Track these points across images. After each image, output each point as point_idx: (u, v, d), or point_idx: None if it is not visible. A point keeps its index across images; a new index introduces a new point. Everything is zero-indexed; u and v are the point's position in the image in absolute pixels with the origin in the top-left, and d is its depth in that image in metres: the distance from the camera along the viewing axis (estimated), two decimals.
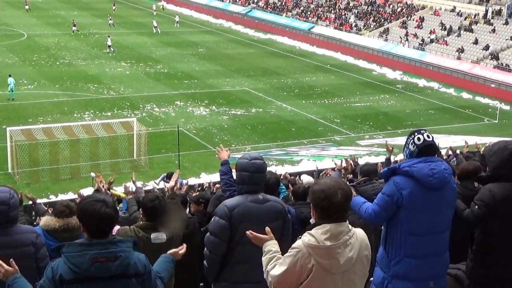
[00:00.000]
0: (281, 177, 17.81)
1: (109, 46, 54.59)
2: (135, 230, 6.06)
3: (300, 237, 4.23)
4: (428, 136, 5.28)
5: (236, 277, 5.68)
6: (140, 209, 6.49)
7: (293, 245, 4.20)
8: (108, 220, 4.16)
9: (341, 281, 4.19)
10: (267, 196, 5.77)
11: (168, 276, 4.71)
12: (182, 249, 5.00)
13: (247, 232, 4.70)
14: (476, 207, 5.55)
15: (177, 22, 72.06)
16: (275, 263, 4.30)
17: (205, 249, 5.73)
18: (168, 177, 20.49)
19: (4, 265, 4.37)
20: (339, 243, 4.13)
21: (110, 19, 68.75)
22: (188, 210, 8.60)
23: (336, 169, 8.35)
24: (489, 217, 5.53)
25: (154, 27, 67.68)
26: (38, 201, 22.77)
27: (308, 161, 30.52)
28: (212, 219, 5.68)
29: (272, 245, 4.51)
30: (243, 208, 5.56)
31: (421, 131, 5.34)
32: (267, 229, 4.66)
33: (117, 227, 6.20)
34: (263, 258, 4.46)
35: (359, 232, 4.33)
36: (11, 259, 4.48)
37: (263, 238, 4.57)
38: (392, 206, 5.16)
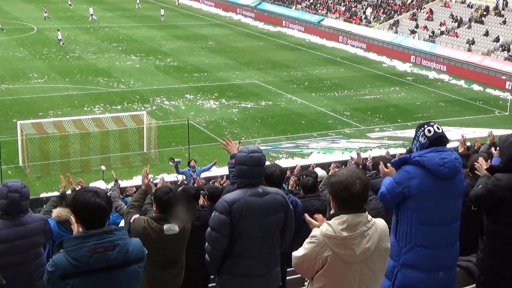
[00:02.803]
0: (295, 170, 17.81)
1: (59, 40, 53.82)
2: (148, 221, 6.09)
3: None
4: (438, 128, 5.28)
5: (237, 270, 5.67)
6: (153, 201, 6.50)
7: (312, 233, 4.25)
8: (99, 211, 4.14)
9: (359, 271, 4.20)
10: (267, 188, 5.73)
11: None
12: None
13: (304, 214, 4.69)
14: (480, 186, 5.59)
15: (162, 15, 70.73)
16: (302, 246, 4.35)
17: (206, 244, 5.70)
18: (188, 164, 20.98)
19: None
20: (356, 233, 4.14)
21: (45, 12, 67.28)
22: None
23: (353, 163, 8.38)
24: (488, 203, 5.56)
25: (91, 14, 67.77)
26: (50, 194, 22.75)
27: (318, 154, 30.52)
28: (212, 214, 5.64)
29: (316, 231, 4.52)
30: (243, 203, 5.52)
31: (431, 123, 5.34)
32: (320, 216, 4.66)
33: (135, 216, 6.25)
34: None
35: (380, 223, 4.32)
36: None
37: (313, 223, 4.55)
38: (397, 193, 5.17)
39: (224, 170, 26.75)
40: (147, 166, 8.36)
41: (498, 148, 5.92)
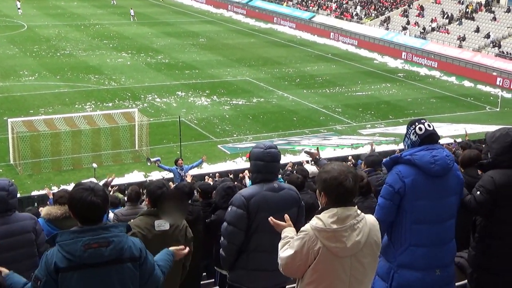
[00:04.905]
0: (286, 166, 17.85)
1: None
2: (136, 222, 6.06)
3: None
4: (429, 125, 5.27)
5: (253, 264, 5.72)
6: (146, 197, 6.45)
7: (301, 229, 4.26)
8: (94, 209, 4.15)
9: (349, 265, 4.21)
10: (282, 184, 5.82)
11: (167, 268, 4.69)
12: (185, 250, 5.03)
13: (269, 218, 4.72)
14: (478, 192, 5.53)
15: (132, 16, 67.92)
16: (287, 246, 4.35)
17: (222, 238, 5.74)
18: (175, 162, 21.19)
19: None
20: (346, 226, 4.16)
21: None
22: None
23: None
24: (491, 203, 5.51)
25: (18, 8, 67.01)
26: (41, 192, 22.64)
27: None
28: (229, 209, 5.68)
29: (289, 232, 4.54)
30: (260, 197, 5.58)
31: (421, 121, 5.33)
32: (286, 216, 4.69)
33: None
34: (279, 244, 4.52)
35: (369, 218, 4.35)
36: None
37: (281, 224, 4.63)
38: (395, 195, 5.15)
39: (214, 168, 26.86)
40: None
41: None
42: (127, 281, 4.22)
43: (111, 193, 17.41)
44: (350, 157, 23.12)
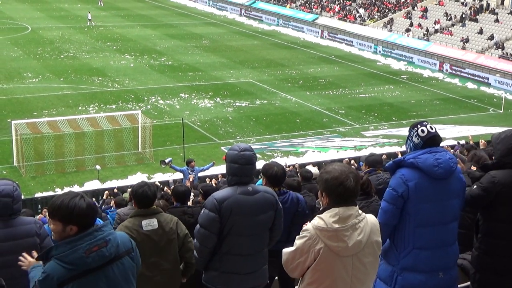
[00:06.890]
0: (291, 167, 17.75)
1: None
2: (125, 224, 6.06)
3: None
4: (431, 128, 5.28)
5: (225, 267, 5.71)
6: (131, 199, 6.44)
7: (304, 228, 4.29)
8: (95, 210, 4.18)
9: (351, 264, 4.23)
10: (257, 187, 5.76)
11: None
12: None
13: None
14: (475, 187, 5.56)
15: (89, 20, 65.17)
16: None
17: (195, 240, 5.74)
18: (188, 163, 21.44)
19: (28, 257, 4.53)
20: (347, 226, 4.18)
21: None
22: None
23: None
24: (485, 202, 5.54)
25: None
26: (44, 194, 22.78)
27: (313, 153, 30.55)
28: (202, 211, 5.66)
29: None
30: (233, 200, 5.54)
31: (424, 123, 5.33)
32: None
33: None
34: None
35: (370, 217, 4.37)
36: (33, 251, 4.64)
37: None
38: (399, 199, 5.15)
39: (219, 169, 26.87)
40: None
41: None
42: (128, 274, 4.25)
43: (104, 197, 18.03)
44: (352, 161, 22.90)
